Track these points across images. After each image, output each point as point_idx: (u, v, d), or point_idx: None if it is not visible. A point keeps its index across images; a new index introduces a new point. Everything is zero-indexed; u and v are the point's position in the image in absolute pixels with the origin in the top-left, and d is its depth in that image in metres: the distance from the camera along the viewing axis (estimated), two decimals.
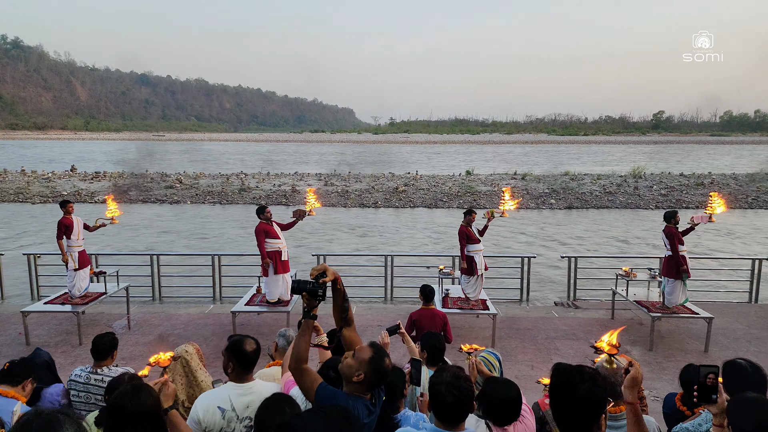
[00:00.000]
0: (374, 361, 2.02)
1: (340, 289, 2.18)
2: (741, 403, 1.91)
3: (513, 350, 6.51)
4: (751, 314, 7.89)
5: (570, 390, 1.63)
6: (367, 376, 2.01)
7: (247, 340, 2.55)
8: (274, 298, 6.96)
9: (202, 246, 15.31)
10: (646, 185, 28.49)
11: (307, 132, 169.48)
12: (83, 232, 7.18)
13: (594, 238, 16.83)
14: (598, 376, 1.66)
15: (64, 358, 6.15)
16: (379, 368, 2.03)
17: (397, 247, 15.37)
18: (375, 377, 2.03)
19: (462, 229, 7.10)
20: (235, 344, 2.51)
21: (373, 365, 2.02)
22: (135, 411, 2.02)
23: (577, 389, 1.62)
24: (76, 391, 3.24)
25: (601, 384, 1.64)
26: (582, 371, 1.68)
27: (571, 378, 1.66)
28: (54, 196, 24.61)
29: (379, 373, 2.04)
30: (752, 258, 8.88)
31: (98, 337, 3.39)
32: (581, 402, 1.62)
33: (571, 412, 1.64)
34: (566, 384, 1.66)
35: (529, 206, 23.05)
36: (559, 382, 1.69)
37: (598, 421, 1.62)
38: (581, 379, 1.64)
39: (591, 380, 1.64)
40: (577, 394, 1.62)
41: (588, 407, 1.62)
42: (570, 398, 1.63)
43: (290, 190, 27.04)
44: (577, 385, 1.63)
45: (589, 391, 1.61)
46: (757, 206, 23.36)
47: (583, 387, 1.62)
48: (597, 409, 1.62)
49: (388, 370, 2.10)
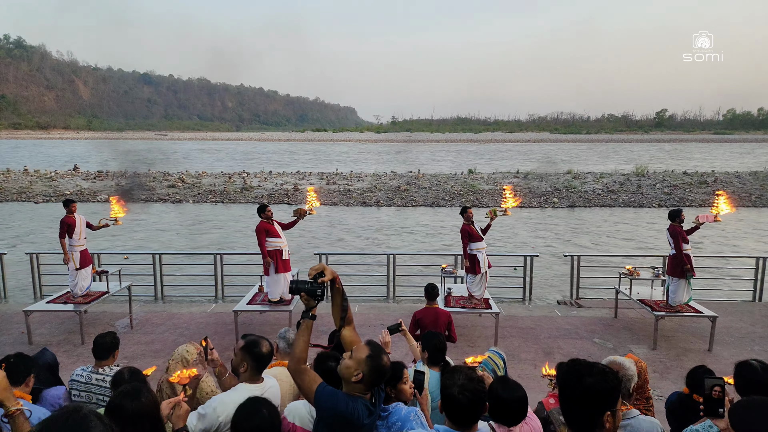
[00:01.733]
0: (372, 360, 2.00)
1: (339, 289, 2.16)
2: (746, 407, 1.89)
3: (516, 349, 6.49)
4: (755, 313, 7.84)
5: (577, 380, 1.62)
6: (366, 376, 1.99)
7: (263, 341, 2.55)
8: (276, 297, 6.95)
9: (204, 245, 15.32)
10: (649, 183, 28.39)
11: (309, 131, 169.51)
12: (86, 231, 7.19)
13: (597, 237, 16.78)
14: (611, 373, 1.64)
15: (66, 357, 6.16)
16: (377, 366, 2.01)
17: (399, 245, 15.34)
18: (373, 376, 2.01)
19: (464, 228, 7.08)
20: (253, 345, 2.50)
21: (371, 364, 2.00)
22: (135, 411, 2.01)
23: (583, 380, 1.61)
24: (78, 391, 3.23)
25: (612, 380, 1.61)
26: (593, 365, 1.66)
27: (579, 369, 1.65)
28: (57, 195, 24.66)
29: (377, 371, 2.01)
30: (756, 256, 8.83)
31: (99, 337, 3.38)
32: (585, 392, 1.60)
33: (573, 402, 1.64)
34: (574, 374, 1.65)
35: (531, 205, 23.00)
36: (568, 373, 1.68)
37: (602, 416, 1.58)
38: (590, 372, 1.63)
39: (601, 374, 1.62)
40: (583, 383, 1.60)
41: (592, 399, 1.60)
42: (574, 387, 1.63)
43: (292, 189, 27.05)
44: (583, 377, 1.62)
45: (596, 383, 1.60)
46: (761, 204, 23.26)
47: (591, 379, 1.61)
48: (602, 404, 1.59)
49: (387, 369, 2.07)
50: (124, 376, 2.76)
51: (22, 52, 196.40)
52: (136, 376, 2.76)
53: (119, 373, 2.84)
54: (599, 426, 1.59)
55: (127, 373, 2.78)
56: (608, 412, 1.59)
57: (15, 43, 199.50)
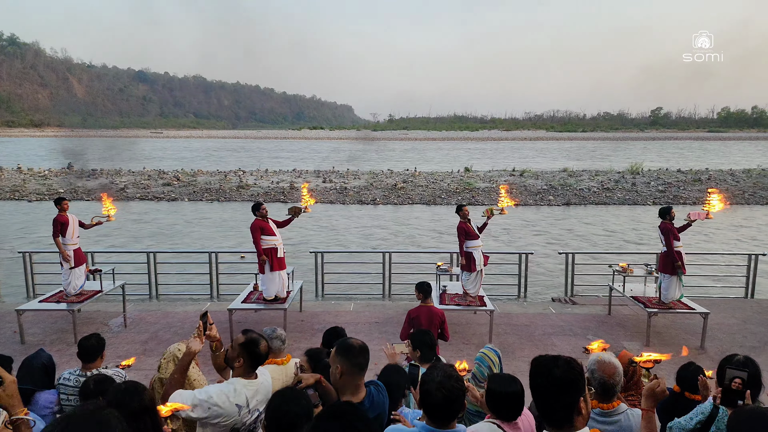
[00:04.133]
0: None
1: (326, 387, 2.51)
2: (742, 416, 1.90)
3: (510, 346, 6.52)
4: (747, 309, 7.90)
5: (546, 374, 1.67)
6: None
7: (262, 341, 2.56)
8: (271, 296, 6.94)
9: (199, 243, 15.29)
10: (643, 181, 28.51)
11: (306, 129, 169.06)
12: (79, 230, 7.15)
13: (591, 234, 16.85)
14: (574, 361, 1.69)
15: (59, 356, 6.11)
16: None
17: (395, 243, 15.36)
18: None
19: (460, 226, 7.08)
20: (253, 344, 2.51)
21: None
22: (138, 407, 2.02)
23: (552, 373, 1.66)
24: (66, 394, 3.17)
25: (577, 367, 1.67)
26: (557, 358, 1.71)
27: (545, 363, 1.70)
28: (50, 193, 24.54)
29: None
30: (748, 253, 8.90)
31: (84, 339, 3.31)
32: (556, 384, 1.65)
33: (549, 396, 1.67)
34: (542, 370, 1.70)
35: (527, 203, 23.07)
36: (536, 370, 1.72)
37: (577, 404, 1.63)
38: (555, 364, 1.68)
39: (566, 364, 1.67)
40: (553, 376, 1.65)
41: (564, 389, 1.64)
42: (546, 382, 1.67)
43: (288, 187, 27.00)
44: (551, 370, 1.66)
45: (564, 374, 1.65)
46: (754, 202, 23.44)
47: (558, 371, 1.65)
48: (574, 392, 1.64)
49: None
50: (90, 386, 2.70)
51: (15, 49, 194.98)
52: (101, 385, 2.70)
53: (85, 383, 2.79)
54: (576, 412, 1.64)
55: (93, 383, 2.72)
56: (581, 397, 1.64)
57: (8, 40, 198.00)
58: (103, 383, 2.70)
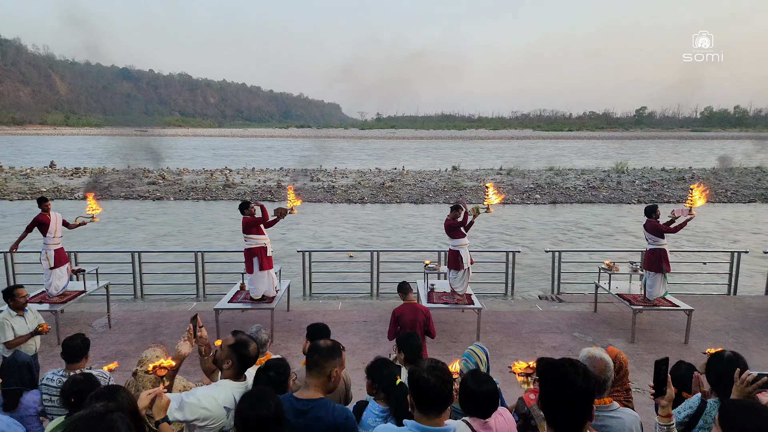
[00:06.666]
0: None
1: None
2: (733, 408, 1.92)
3: (498, 344, 6.55)
4: (730, 306, 8.04)
5: (568, 385, 1.64)
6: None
7: (252, 342, 2.53)
8: (259, 295, 6.88)
9: (185, 242, 15.11)
10: (628, 180, 28.90)
11: (293, 127, 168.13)
12: (62, 229, 7.02)
13: (578, 233, 17.02)
14: (587, 367, 1.70)
15: (42, 358, 5.98)
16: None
17: (382, 242, 15.34)
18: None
19: (449, 222, 7.03)
20: (242, 346, 2.47)
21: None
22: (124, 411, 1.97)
23: (575, 384, 1.63)
24: (49, 395, 3.12)
25: (592, 375, 1.70)
26: (574, 364, 1.69)
27: (565, 372, 1.67)
28: (33, 192, 24.08)
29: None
30: (731, 251, 9.05)
31: (68, 340, 3.26)
32: (579, 396, 1.63)
33: (569, 406, 1.66)
34: (563, 379, 1.66)
35: (514, 201, 23.22)
36: (553, 377, 1.68)
37: (592, 410, 1.66)
38: (576, 372, 1.65)
39: (584, 373, 1.67)
40: (576, 388, 1.63)
41: (585, 400, 1.65)
42: (569, 393, 1.64)
43: (275, 185, 26.84)
44: (574, 380, 1.64)
45: (585, 384, 1.64)
46: (736, 200, 23.87)
47: (580, 380, 1.64)
48: (592, 400, 1.66)
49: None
50: (70, 385, 2.63)
51: None
52: (82, 384, 2.62)
53: (68, 381, 2.72)
54: (589, 418, 1.66)
55: (71, 383, 2.65)
56: (593, 406, 1.67)
57: None
58: (85, 382, 2.64)
